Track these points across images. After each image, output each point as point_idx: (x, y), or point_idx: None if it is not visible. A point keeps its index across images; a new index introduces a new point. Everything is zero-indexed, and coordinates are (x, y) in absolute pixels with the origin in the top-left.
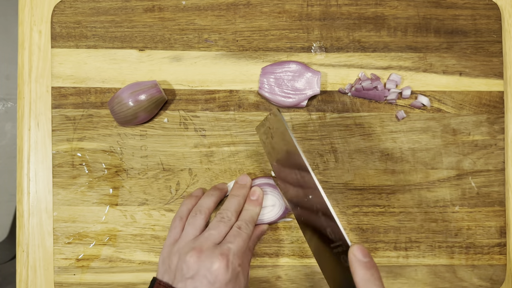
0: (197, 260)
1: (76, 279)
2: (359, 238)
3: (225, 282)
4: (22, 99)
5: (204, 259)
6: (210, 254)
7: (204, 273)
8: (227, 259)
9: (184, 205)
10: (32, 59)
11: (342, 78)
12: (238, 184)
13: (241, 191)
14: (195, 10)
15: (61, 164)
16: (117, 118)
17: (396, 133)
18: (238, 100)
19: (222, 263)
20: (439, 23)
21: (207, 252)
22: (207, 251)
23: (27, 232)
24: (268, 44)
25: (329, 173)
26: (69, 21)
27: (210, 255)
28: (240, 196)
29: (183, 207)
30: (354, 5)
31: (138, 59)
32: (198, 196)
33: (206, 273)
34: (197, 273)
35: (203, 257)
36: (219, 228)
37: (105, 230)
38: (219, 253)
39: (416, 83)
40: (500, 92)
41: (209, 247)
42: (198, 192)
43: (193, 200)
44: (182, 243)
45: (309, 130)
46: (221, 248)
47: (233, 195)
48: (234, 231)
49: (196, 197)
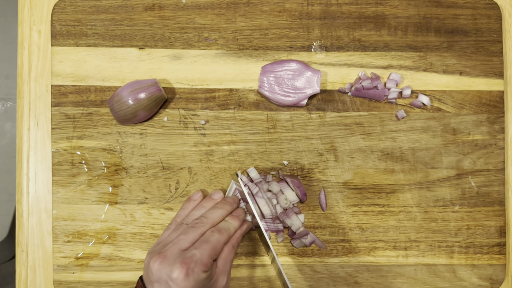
0: (159, 266)
1: (75, 278)
2: (359, 237)
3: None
4: (21, 99)
5: (165, 266)
6: (172, 261)
7: (165, 279)
8: (187, 267)
9: (183, 209)
10: (32, 58)
11: (342, 77)
12: (227, 201)
13: (226, 206)
14: (195, 9)
15: (61, 163)
16: (116, 117)
17: (396, 133)
18: (238, 98)
19: (182, 272)
20: (440, 22)
21: (170, 259)
22: (170, 257)
23: (27, 232)
24: (268, 43)
25: (329, 172)
26: (69, 19)
27: (171, 262)
28: (224, 209)
29: (182, 212)
30: (355, 4)
31: (138, 57)
32: (197, 200)
33: (167, 279)
34: (160, 278)
35: (165, 264)
36: (188, 234)
37: (104, 228)
38: (180, 261)
39: (416, 82)
40: (500, 91)
41: (173, 254)
42: (197, 196)
43: (192, 205)
44: (158, 246)
45: (309, 129)
46: (184, 255)
47: (218, 207)
48: (205, 236)
49: (195, 201)
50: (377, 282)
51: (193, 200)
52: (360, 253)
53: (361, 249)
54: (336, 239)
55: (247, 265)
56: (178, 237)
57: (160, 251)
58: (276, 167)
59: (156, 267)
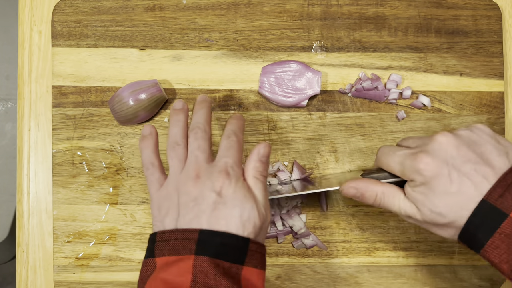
0: (196, 185)
1: (75, 278)
2: (359, 238)
3: (232, 198)
4: (22, 99)
5: (204, 181)
6: (208, 175)
7: (207, 195)
8: (226, 172)
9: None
10: (32, 59)
11: (343, 78)
12: (198, 101)
13: (204, 104)
14: (196, 10)
15: (61, 163)
16: (117, 117)
17: (397, 133)
18: (239, 99)
19: (225, 178)
20: (440, 23)
21: (204, 175)
22: (204, 173)
23: (27, 232)
24: (268, 44)
25: (329, 172)
26: (69, 20)
27: (209, 177)
28: (205, 107)
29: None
30: (355, 5)
31: (138, 58)
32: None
33: (210, 195)
34: (199, 198)
35: (200, 182)
36: (199, 146)
37: (105, 229)
38: (217, 171)
39: (417, 83)
40: (501, 92)
41: (204, 169)
42: (179, 106)
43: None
44: (173, 179)
45: (309, 130)
46: (217, 165)
47: (197, 109)
48: (224, 144)
49: (178, 117)
50: (377, 283)
51: (175, 118)
52: (361, 253)
53: (361, 250)
54: (336, 239)
55: None
56: (193, 154)
57: (187, 176)
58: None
59: (193, 188)
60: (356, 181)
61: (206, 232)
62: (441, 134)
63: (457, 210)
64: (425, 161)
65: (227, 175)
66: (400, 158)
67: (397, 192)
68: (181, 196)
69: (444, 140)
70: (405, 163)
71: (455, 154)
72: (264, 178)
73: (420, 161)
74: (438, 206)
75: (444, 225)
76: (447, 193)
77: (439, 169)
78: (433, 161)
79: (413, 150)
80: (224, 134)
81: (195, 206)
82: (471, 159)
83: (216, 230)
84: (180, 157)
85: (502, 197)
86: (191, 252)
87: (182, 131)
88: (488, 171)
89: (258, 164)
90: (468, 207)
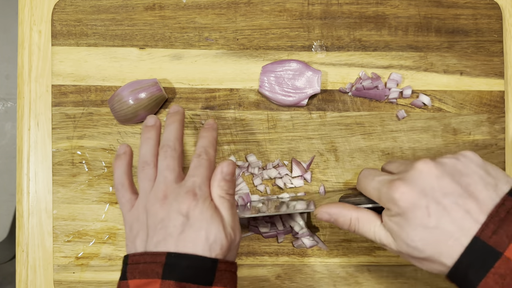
0: (163, 207)
1: (75, 277)
2: (359, 237)
3: (198, 219)
4: (22, 99)
5: (171, 203)
6: (175, 196)
7: (174, 217)
8: (193, 194)
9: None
10: (32, 58)
11: (343, 77)
12: (170, 114)
13: (176, 117)
14: (196, 9)
15: (61, 162)
16: (117, 116)
17: (397, 132)
18: (239, 98)
19: (191, 200)
20: (440, 22)
21: (171, 195)
22: (171, 194)
23: (27, 232)
24: (268, 43)
25: (329, 172)
26: (69, 19)
27: (176, 198)
28: (176, 122)
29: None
30: (355, 4)
31: (138, 57)
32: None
33: (176, 216)
34: (165, 220)
35: (167, 203)
36: (168, 165)
37: (104, 228)
38: (185, 191)
39: (417, 82)
40: (501, 91)
41: (172, 190)
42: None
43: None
44: (143, 199)
45: (310, 129)
46: (185, 185)
47: (168, 124)
48: (194, 162)
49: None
50: (378, 282)
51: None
52: (361, 253)
53: (361, 249)
54: (336, 239)
55: (247, 265)
56: (162, 174)
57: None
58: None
59: (159, 209)
60: (330, 205)
61: (173, 255)
62: (422, 162)
63: (435, 246)
64: (401, 190)
65: (194, 196)
66: (378, 184)
67: (373, 219)
68: (149, 217)
69: (425, 168)
70: (382, 190)
71: (435, 184)
72: (230, 196)
73: (396, 190)
74: (413, 240)
75: (422, 259)
76: (424, 227)
77: (416, 200)
78: (409, 190)
79: (392, 176)
80: (195, 150)
81: (162, 229)
82: (453, 192)
83: (183, 252)
84: (149, 177)
85: (496, 234)
86: (158, 276)
87: (153, 149)
88: (472, 206)
89: (222, 183)
90: (447, 243)
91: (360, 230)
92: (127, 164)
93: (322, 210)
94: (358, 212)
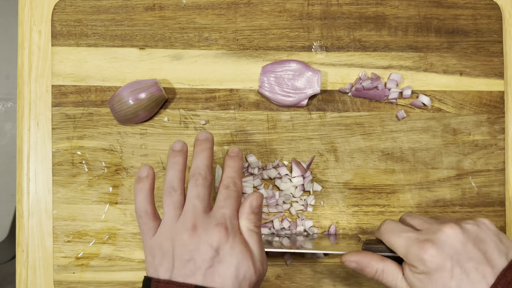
0: (191, 240)
1: (75, 278)
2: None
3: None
4: (22, 99)
5: (200, 234)
6: (205, 228)
7: (205, 251)
8: (225, 227)
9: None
10: (32, 59)
11: (343, 78)
12: (199, 140)
13: (206, 145)
14: (196, 9)
15: (61, 163)
16: (117, 117)
17: (397, 133)
18: (238, 99)
19: (222, 234)
20: (440, 22)
21: (201, 226)
22: (201, 225)
23: (27, 232)
24: (268, 43)
25: (329, 172)
26: (69, 20)
27: (206, 229)
28: (207, 150)
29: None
30: (355, 4)
31: (138, 57)
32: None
33: (207, 250)
34: (195, 253)
35: (197, 235)
36: (199, 194)
37: (104, 228)
38: (215, 223)
39: (417, 82)
40: (501, 92)
41: (201, 220)
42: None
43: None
44: (168, 227)
45: (309, 129)
46: (215, 217)
47: (198, 152)
48: (223, 193)
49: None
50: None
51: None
52: None
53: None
54: None
55: None
56: (191, 203)
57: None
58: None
59: (186, 241)
60: (357, 254)
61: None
62: (449, 227)
63: None
64: (431, 252)
65: (225, 229)
66: (405, 242)
67: (396, 270)
68: (176, 247)
69: (452, 234)
70: (410, 249)
71: (461, 250)
72: (258, 229)
73: (426, 252)
74: None
75: None
76: (445, 287)
77: (443, 263)
78: (438, 254)
79: (419, 235)
80: (222, 181)
81: (191, 261)
82: (475, 257)
83: (211, 287)
84: (176, 204)
85: None
86: None
87: (179, 174)
88: (489, 271)
89: (252, 216)
90: None
91: (384, 280)
92: (150, 189)
93: (350, 259)
94: (384, 264)
